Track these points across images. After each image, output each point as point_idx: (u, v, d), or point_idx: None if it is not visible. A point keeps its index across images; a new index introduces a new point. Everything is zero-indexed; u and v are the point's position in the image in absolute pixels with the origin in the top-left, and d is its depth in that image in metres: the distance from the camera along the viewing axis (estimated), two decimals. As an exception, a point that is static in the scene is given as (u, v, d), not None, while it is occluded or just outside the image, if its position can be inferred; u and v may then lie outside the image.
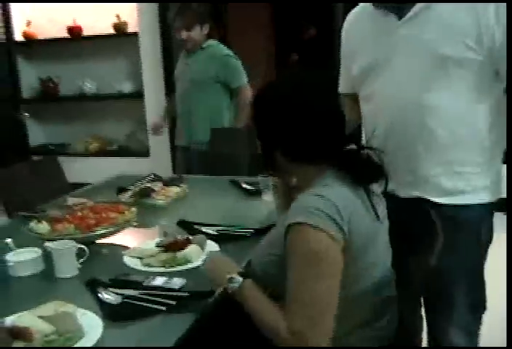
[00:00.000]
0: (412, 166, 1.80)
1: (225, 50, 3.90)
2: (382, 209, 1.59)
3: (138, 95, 5.31)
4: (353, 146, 1.56)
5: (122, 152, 5.57)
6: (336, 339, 1.44)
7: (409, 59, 1.75)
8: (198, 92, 3.81)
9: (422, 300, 2.02)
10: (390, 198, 1.67)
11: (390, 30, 1.78)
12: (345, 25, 2.02)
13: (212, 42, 3.88)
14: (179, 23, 3.73)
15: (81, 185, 3.20)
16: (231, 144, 3.64)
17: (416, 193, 1.82)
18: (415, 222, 1.85)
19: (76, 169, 3.66)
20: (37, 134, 5.89)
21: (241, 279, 1.51)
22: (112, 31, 5.24)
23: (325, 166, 1.52)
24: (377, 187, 1.59)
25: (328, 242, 1.37)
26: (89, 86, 5.62)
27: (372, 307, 1.55)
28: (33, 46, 5.69)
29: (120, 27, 5.21)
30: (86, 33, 5.36)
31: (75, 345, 1.43)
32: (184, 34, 3.73)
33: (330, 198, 1.41)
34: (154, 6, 4.97)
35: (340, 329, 1.44)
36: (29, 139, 5.77)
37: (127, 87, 5.46)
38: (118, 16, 5.16)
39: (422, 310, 2.05)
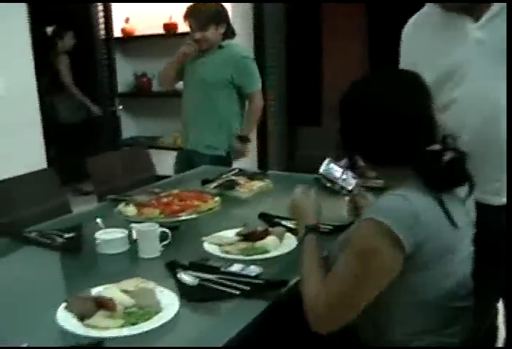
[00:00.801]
0: (500, 172, 1.75)
1: (244, 51, 3.72)
2: (466, 216, 1.52)
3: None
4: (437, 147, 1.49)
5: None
6: (396, 343, 1.46)
7: (486, 62, 1.72)
8: (210, 94, 3.56)
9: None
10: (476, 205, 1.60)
11: (465, 34, 1.73)
12: (407, 29, 1.94)
13: (232, 42, 3.64)
14: (193, 23, 3.51)
15: (166, 177, 3.33)
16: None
17: (503, 200, 1.77)
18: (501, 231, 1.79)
19: (164, 162, 3.78)
20: (129, 126, 6.11)
21: (304, 233, 1.62)
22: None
23: (409, 169, 1.46)
24: (461, 193, 1.51)
25: (390, 246, 1.33)
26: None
27: (442, 314, 1.50)
28: (129, 42, 5.91)
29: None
30: (180, 30, 5.51)
31: (151, 319, 1.51)
32: (198, 34, 3.49)
33: (412, 201, 1.37)
34: (248, 6, 5.05)
35: (401, 333, 1.45)
36: (122, 132, 6.00)
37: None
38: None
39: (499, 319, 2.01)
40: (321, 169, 2.07)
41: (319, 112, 5.29)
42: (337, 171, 1.79)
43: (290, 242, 2.03)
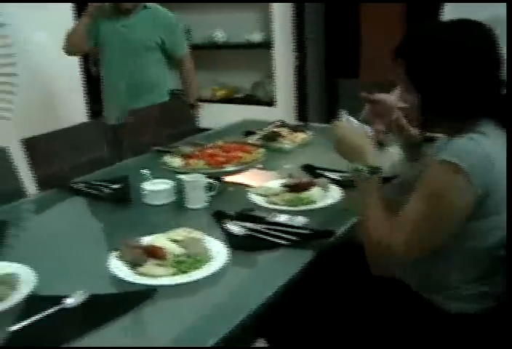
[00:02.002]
0: None
1: (169, 13, 3.44)
2: None
3: (267, 46, 5.34)
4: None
5: (248, 100, 5.67)
6: (445, 289, 1.46)
7: None
8: (137, 59, 3.30)
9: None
10: None
11: None
12: None
13: (154, 4, 3.39)
14: None
15: (207, 130, 3.33)
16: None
17: None
18: None
19: (203, 115, 3.78)
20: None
21: (366, 174, 1.55)
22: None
23: (475, 119, 1.43)
24: None
25: (464, 188, 1.34)
26: (220, 36, 5.74)
27: (491, 263, 1.49)
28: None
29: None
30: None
31: (201, 268, 1.54)
32: None
33: (484, 145, 1.36)
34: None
35: (454, 279, 1.45)
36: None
37: (257, 37, 5.51)
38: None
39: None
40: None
41: (357, 65, 5.19)
42: (355, 123, 1.74)
43: (334, 193, 2.04)
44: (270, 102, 5.43)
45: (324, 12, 5.23)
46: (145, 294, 1.42)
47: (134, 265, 1.55)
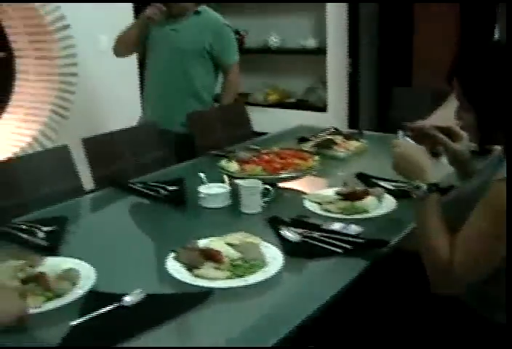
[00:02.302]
0: None
1: (221, 18, 3.30)
2: None
3: (321, 51, 5.36)
4: None
5: (300, 105, 5.71)
6: (489, 299, 1.47)
7: None
8: (184, 64, 3.20)
9: None
10: None
11: None
12: None
13: (206, 7, 3.28)
14: None
15: (258, 133, 3.36)
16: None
17: None
18: None
19: (255, 118, 3.81)
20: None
21: (426, 191, 1.54)
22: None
23: None
24: None
25: None
26: (274, 40, 5.78)
27: None
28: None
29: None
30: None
31: (257, 272, 1.56)
32: None
33: None
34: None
35: (494, 289, 1.45)
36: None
37: (311, 43, 5.54)
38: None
39: None
40: None
41: (410, 72, 5.16)
42: (411, 142, 1.79)
43: (389, 203, 2.04)
44: (322, 108, 5.45)
45: (379, 19, 5.21)
46: (201, 296, 1.45)
47: (191, 266, 1.58)
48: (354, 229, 1.82)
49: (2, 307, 1.32)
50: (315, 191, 2.15)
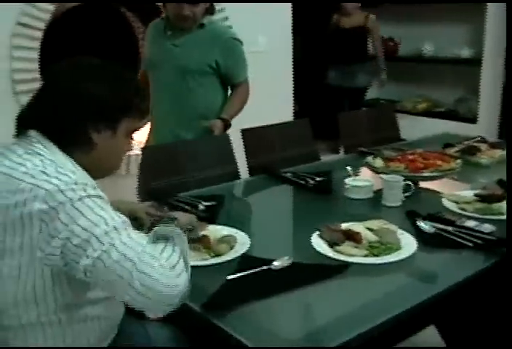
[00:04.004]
0: None
1: (230, 31, 2.96)
2: None
3: (476, 62, 5.32)
4: None
5: (449, 115, 5.68)
6: None
7: None
8: (188, 83, 2.80)
9: None
10: None
11: None
12: None
13: (212, 19, 2.88)
14: None
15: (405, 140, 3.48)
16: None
17: None
18: None
19: (402, 126, 3.91)
20: (371, 88, 6.29)
21: None
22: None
23: None
24: None
25: None
26: (428, 49, 5.82)
27: None
28: (382, 6, 6.05)
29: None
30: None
31: (391, 254, 1.74)
32: (187, 10, 2.68)
33: None
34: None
35: None
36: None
37: (466, 53, 5.52)
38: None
39: None
40: None
41: None
42: None
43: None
44: (471, 119, 5.40)
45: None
46: (338, 268, 1.65)
47: (332, 243, 1.79)
48: (487, 227, 1.92)
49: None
50: (453, 192, 2.27)
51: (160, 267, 1.24)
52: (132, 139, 1.51)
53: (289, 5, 4.57)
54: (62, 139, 1.36)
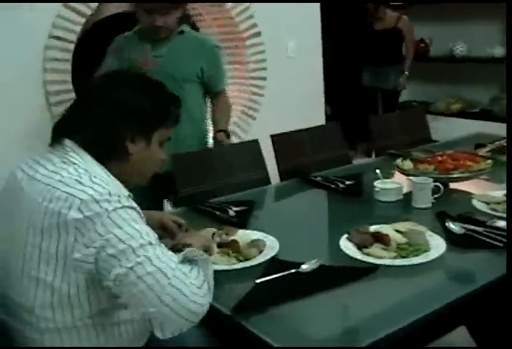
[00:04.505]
0: None
1: (211, 38, 2.97)
2: None
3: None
4: None
5: (483, 115, 5.62)
6: None
7: None
8: (179, 92, 2.32)
9: None
10: None
11: None
12: None
13: (187, 28, 2.87)
14: (151, 5, 2.62)
15: (437, 142, 3.45)
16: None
17: None
18: None
19: (436, 127, 3.88)
20: (405, 90, 6.25)
21: None
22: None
23: None
24: None
25: None
26: (460, 49, 5.77)
27: None
28: (412, 7, 6.02)
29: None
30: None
31: (420, 255, 1.74)
32: (159, 20, 2.63)
33: None
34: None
35: None
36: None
37: (499, 52, 5.46)
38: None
39: None
40: None
41: None
42: None
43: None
44: (506, 118, 5.33)
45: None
46: (367, 271, 1.66)
47: (361, 246, 1.80)
48: (519, 227, 1.91)
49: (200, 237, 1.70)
50: (483, 193, 2.26)
51: (191, 285, 1.29)
52: (163, 147, 1.55)
53: (317, 6, 4.57)
54: (98, 150, 1.41)
